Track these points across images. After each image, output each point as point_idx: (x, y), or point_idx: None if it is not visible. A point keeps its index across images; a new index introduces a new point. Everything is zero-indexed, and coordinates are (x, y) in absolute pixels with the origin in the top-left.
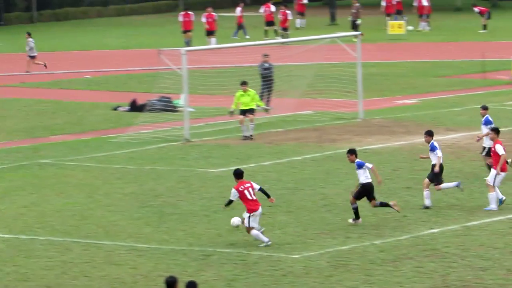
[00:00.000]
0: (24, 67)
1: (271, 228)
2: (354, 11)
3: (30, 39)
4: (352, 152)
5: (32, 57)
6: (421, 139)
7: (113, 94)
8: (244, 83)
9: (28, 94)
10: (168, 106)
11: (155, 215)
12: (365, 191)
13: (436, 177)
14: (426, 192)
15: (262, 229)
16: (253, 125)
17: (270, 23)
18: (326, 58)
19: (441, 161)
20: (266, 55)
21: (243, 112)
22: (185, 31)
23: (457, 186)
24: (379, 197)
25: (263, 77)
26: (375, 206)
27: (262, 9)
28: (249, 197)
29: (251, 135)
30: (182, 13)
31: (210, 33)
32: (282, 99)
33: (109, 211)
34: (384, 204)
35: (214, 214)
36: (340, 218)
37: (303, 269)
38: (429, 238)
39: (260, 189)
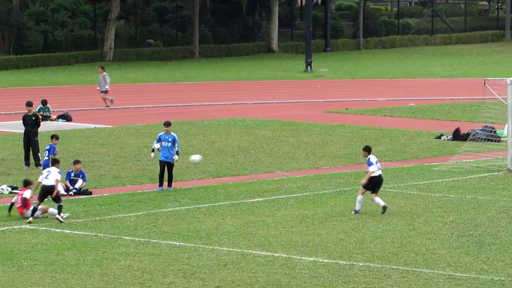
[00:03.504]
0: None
1: None
2: None
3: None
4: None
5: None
6: None
7: (436, 123)
8: None
9: (352, 121)
10: (491, 136)
11: (475, 245)
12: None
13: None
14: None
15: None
16: None
17: None
18: None
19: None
20: None
21: None
22: None
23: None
24: None
25: None
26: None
27: None
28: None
29: None
30: None
31: None
32: None
33: (429, 239)
34: None
35: None
36: None
37: None
38: None
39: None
